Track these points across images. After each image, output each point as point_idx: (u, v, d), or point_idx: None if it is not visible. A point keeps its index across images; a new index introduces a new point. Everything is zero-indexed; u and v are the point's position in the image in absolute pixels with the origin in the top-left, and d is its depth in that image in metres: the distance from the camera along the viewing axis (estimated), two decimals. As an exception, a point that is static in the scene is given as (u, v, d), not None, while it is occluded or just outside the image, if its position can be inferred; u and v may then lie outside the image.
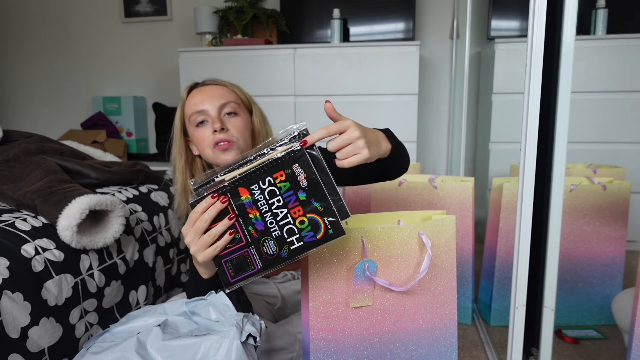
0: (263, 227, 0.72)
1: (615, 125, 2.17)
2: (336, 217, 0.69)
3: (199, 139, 1.03)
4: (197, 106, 1.02)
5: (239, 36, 2.59)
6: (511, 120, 2.19)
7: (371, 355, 0.92)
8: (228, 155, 1.01)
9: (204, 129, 1.02)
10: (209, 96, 1.03)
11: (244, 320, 0.87)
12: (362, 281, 0.89)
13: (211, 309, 0.90)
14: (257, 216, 0.72)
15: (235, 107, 1.04)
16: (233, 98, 1.05)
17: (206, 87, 1.06)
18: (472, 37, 2.27)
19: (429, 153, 2.83)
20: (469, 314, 1.54)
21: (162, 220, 1.37)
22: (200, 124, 1.02)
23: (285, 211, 0.71)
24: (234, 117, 1.04)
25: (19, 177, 1.17)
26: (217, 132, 1.00)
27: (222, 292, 0.89)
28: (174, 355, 0.80)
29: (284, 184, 0.70)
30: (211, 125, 1.01)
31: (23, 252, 0.91)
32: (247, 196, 0.71)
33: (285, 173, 0.70)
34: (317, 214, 0.70)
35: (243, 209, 0.72)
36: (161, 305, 0.95)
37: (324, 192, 0.69)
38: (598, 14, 2.21)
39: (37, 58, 3.22)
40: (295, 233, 0.71)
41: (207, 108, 1.02)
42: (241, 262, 0.74)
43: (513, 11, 2.44)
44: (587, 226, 1.46)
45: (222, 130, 1.00)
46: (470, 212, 1.49)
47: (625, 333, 1.27)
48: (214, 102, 1.02)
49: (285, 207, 0.70)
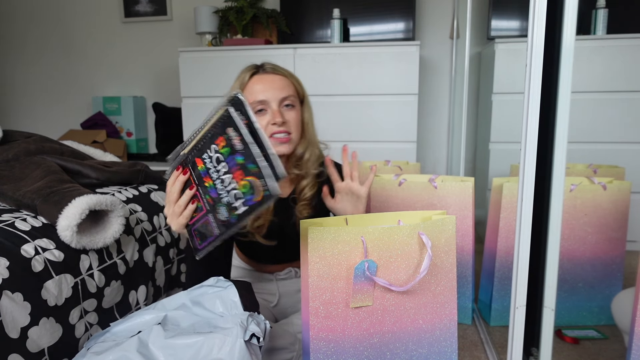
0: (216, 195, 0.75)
1: (615, 125, 2.17)
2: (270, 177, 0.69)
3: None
4: (258, 95, 1.03)
5: (239, 36, 2.59)
6: (511, 120, 2.19)
7: (371, 355, 0.92)
8: (283, 147, 1.04)
9: (262, 118, 1.03)
10: (271, 87, 1.04)
11: (248, 319, 0.87)
12: (362, 281, 0.89)
13: (218, 301, 0.90)
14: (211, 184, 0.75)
15: (293, 100, 1.06)
16: (292, 91, 1.07)
17: (269, 76, 1.06)
18: (472, 37, 2.27)
19: (429, 153, 2.83)
20: (469, 314, 1.54)
21: (162, 220, 1.37)
22: (259, 112, 1.04)
23: (231, 176, 0.73)
24: (291, 109, 1.06)
25: (19, 177, 1.17)
26: (275, 125, 1.02)
27: (233, 287, 0.90)
28: (176, 353, 0.80)
29: (225, 149, 0.73)
30: (270, 116, 1.03)
31: (23, 252, 0.91)
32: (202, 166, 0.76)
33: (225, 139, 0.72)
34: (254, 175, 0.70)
35: (200, 179, 0.76)
36: (159, 302, 0.95)
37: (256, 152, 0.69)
38: (598, 14, 2.21)
39: (37, 58, 3.22)
40: (241, 197, 0.72)
41: (269, 99, 1.03)
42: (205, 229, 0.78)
43: (513, 11, 2.43)
44: (587, 226, 1.46)
45: (282, 123, 1.02)
46: (470, 212, 1.49)
47: (625, 334, 1.27)
48: (276, 94, 1.03)
49: (230, 173, 0.73)
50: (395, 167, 1.95)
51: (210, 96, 2.46)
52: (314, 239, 0.86)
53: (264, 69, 1.08)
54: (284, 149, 1.04)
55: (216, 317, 0.89)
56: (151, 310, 0.92)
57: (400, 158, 2.27)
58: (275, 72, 1.08)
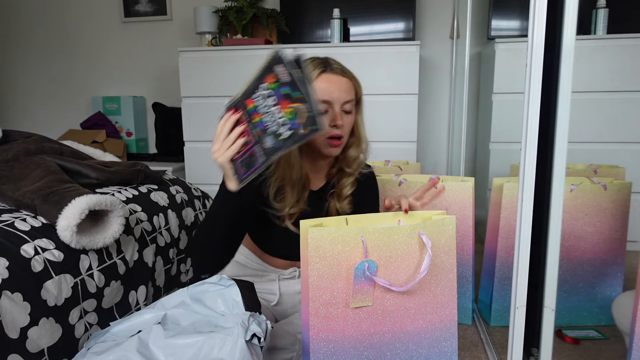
0: (263, 127, 0.85)
1: (615, 125, 2.17)
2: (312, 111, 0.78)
3: None
4: (324, 95, 1.04)
5: (238, 36, 2.59)
6: (511, 120, 2.19)
7: (371, 355, 0.92)
8: (335, 150, 1.08)
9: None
10: (337, 89, 1.05)
11: (249, 319, 0.87)
12: (362, 281, 0.89)
13: (220, 300, 0.91)
14: (260, 119, 0.85)
15: (352, 105, 1.09)
16: (354, 95, 1.09)
17: (337, 77, 1.06)
18: (472, 37, 2.27)
19: (429, 153, 2.83)
20: (469, 314, 1.54)
21: (161, 220, 1.37)
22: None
23: (278, 107, 0.83)
24: (349, 114, 1.08)
25: (19, 177, 1.17)
26: (334, 127, 1.05)
27: (235, 287, 0.92)
28: (177, 353, 0.80)
29: (274, 84, 0.83)
30: (331, 117, 1.05)
31: (22, 252, 0.91)
32: (252, 105, 0.86)
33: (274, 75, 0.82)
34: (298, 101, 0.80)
35: (250, 116, 0.87)
36: (159, 301, 0.95)
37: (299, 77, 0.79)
38: (598, 14, 2.21)
39: (37, 58, 3.22)
40: (287, 123, 0.82)
41: (333, 101, 1.05)
42: (249, 160, 0.88)
43: (513, 11, 2.43)
44: (587, 226, 1.46)
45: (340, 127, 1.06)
46: (471, 212, 1.49)
47: (625, 335, 1.26)
48: (341, 97, 1.05)
49: (278, 104, 0.82)
50: (395, 167, 1.95)
51: (210, 96, 2.46)
52: (314, 239, 0.86)
53: (332, 68, 1.07)
54: (336, 152, 1.08)
55: (217, 316, 0.89)
56: (151, 309, 0.91)
57: (400, 158, 2.27)
58: (343, 74, 1.08)
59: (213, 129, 0.90)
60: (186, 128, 2.52)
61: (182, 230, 1.47)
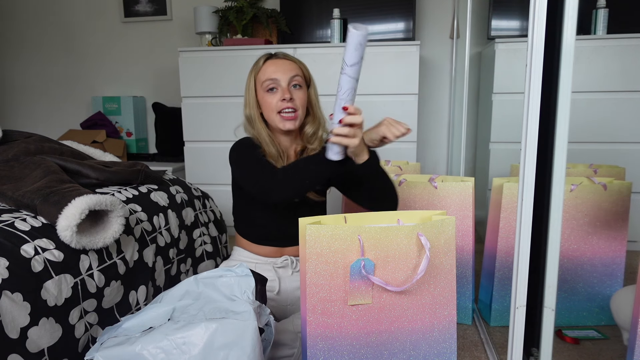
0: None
1: (615, 125, 2.17)
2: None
3: (267, 103, 1.21)
4: (271, 74, 1.20)
5: (238, 36, 2.59)
6: (511, 120, 2.19)
7: (368, 353, 0.92)
8: (290, 124, 1.19)
9: (273, 95, 1.20)
10: (282, 68, 1.20)
11: (259, 308, 0.89)
12: (358, 280, 0.89)
13: (236, 287, 0.95)
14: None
15: (300, 81, 1.22)
16: (300, 73, 1.23)
17: (280, 60, 1.23)
18: (472, 37, 2.27)
19: (429, 153, 2.82)
20: (469, 314, 1.54)
21: (161, 220, 1.37)
22: (270, 90, 1.20)
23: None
24: (298, 89, 1.22)
25: (19, 177, 1.17)
26: (285, 101, 1.18)
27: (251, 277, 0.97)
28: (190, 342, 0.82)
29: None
30: (280, 93, 1.19)
31: (22, 252, 0.91)
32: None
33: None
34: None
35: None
36: (165, 293, 0.96)
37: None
38: (598, 14, 2.21)
39: (37, 58, 3.22)
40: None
41: (280, 78, 1.19)
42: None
43: (513, 11, 2.43)
44: (587, 226, 1.46)
45: (290, 100, 1.18)
46: (471, 212, 1.49)
47: (624, 330, 1.26)
48: (286, 74, 1.20)
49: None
50: (395, 167, 1.95)
51: (210, 96, 2.46)
52: (312, 236, 0.86)
53: (277, 55, 1.25)
54: (290, 125, 1.19)
55: (226, 301, 0.91)
56: (159, 304, 0.93)
57: (400, 158, 2.27)
58: (285, 58, 1.24)
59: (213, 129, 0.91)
60: (186, 128, 2.52)
61: (182, 230, 1.47)
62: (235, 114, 2.45)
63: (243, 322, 0.84)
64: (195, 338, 0.82)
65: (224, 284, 0.95)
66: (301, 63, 1.26)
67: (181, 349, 0.81)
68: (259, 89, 1.22)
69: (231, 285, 0.95)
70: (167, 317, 0.89)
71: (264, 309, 0.94)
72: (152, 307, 0.93)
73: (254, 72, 1.24)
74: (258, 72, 1.23)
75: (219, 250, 1.70)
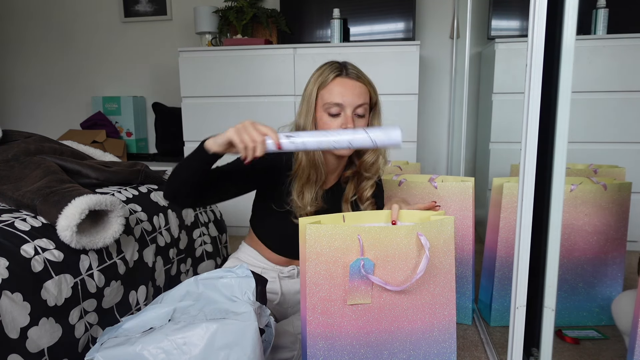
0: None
1: (615, 125, 2.17)
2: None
3: (326, 125, 1.10)
4: (337, 98, 1.08)
5: (238, 36, 2.59)
6: (511, 120, 2.19)
7: (368, 353, 0.92)
8: (346, 151, 1.11)
9: (333, 120, 1.09)
10: (351, 93, 1.08)
11: (259, 309, 0.90)
12: (358, 279, 0.89)
13: (236, 288, 0.94)
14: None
15: (365, 109, 1.12)
16: (367, 99, 1.12)
17: (351, 82, 1.10)
18: (472, 37, 2.27)
19: (429, 153, 2.82)
20: (469, 314, 1.54)
21: (161, 220, 1.37)
22: (334, 114, 1.09)
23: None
24: (361, 118, 1.11)
25: (19, 177, 1.17)
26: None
27: (252, 278, 0.95)
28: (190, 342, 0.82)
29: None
30: (342, 120, 1.08)
31: (22, 252, 0.91)
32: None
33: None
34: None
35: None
36: (166, 294, 0.96)
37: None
38: (598, 14, 2.20)
39: (37, 58, 3.21)
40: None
41: (346, 105, 1.08)
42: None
43: (513, 11, 2.43)
44: (587, 226, 1.46)
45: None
46: (471, 212, 1.49)
47: (625, 335, 1.26)
48: (354, 101, 1.08)
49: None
50: (395, 167, 1.94)
51: (210, 96, 2.46)
52: (312, 236, 0.87)
53: (348, 73, 1.11)
54: (346, 152, 1.11)
55: (227, 302, 0.91)
56: (159, 305, 0.93)
57: (400, 158, 2.27)
58: (358, 79, 1.11)
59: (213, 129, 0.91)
60: (186, 128, 2.52)
61: (182, 230, 1.47)
62: (236, 114, 2.45)
63: (243, 322, 0.84)
64: (196, 338, 0.82)
65: (224, 285, 0.95)
66: (371, 85, 1.14)
67: (182, 349, 0.81)
68: (319, 105, 1.10)
69: (231, 286, 0.95)
70: (168, 317, 0.89)
71: (264, 309, 0.95)
72: (152, 307, 0.93)
73: (318, 84, 1.10)
74: (323, 88, 1.10)
75: (219, 250, 1.70)
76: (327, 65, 1.12)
